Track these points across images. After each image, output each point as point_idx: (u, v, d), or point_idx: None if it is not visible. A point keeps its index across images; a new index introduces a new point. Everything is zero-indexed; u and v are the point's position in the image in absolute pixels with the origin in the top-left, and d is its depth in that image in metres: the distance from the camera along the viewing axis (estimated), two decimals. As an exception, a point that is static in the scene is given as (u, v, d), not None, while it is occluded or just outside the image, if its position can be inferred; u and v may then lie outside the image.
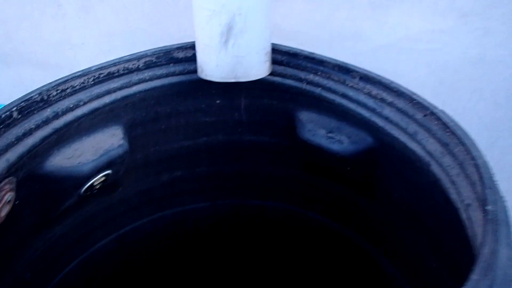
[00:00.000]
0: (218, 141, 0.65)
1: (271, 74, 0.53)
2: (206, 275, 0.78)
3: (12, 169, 0.36)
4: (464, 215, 0.34)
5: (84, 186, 0.47)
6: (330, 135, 0.51)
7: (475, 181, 0.31)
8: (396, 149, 0.43)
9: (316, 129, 0.52)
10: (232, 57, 0.43)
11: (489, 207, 0.27)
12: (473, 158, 0.31)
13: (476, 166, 0.31)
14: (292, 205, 0.71)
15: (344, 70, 0.46)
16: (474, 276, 0.24)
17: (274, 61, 0.52)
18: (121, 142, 0.49)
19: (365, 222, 0.63)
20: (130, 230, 0.67)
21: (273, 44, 0.49)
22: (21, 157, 0.36)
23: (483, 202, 0.29)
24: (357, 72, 0.45)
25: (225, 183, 0.71)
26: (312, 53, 0.48)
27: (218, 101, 0.58)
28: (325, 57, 0.48)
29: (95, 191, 0.52)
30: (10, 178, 0.36)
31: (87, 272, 0.62)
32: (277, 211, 0.72)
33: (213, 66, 0.45)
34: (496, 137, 0.72)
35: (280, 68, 0.52)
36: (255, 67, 0.45)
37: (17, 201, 0.42)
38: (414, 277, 0.57)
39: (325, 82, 0.49)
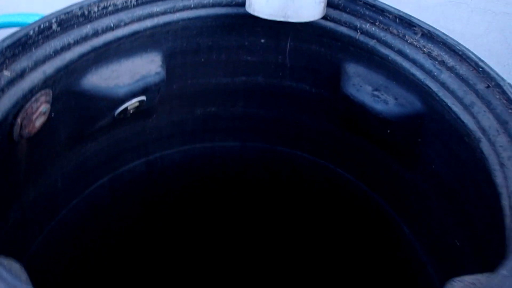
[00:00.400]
0: (257, 82, 0.62)
1: (324, 18, 0.49)
2: (227, 212, 0.80)
3: (49, 82, 0.36)
4: (506, 202, 0.31)
5: (118, 109, 0.47)
6: (376, 93, 0.48)
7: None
8: (446, 119, 0.39)
9: (362, 85, 0.49)
10: (284, -7, 0.39)
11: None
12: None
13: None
14: (322, 159, 0.70)
15: (406, 23, 0.41)
16: (503, 271, 0.22)
17: (329, 4, 0.47)
18: (159, 69, 0.48)
19: (394, 188, 0.61)
20: (160, 157, 0.68)
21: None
22: (58, 71, 0.36)
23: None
24: (420, 27, 0.40)
25: (258, 125, 0.69)
26: (374, 0, 0.43)
27: (262, 40, 0.55)
28: (387, 5, 0.43)
29: (129, 115, 0.53)
30: (46, 90, 0.36)
31: (116, 190, 0.65)
32: (305, 161, 0.71)
33: (263, 1, 0.41)
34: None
35: (334, 13, 0.48)
36: (308, 7, 0.41)
37: (53, 114, 0.43)
38: (434, 251, 0.55)
39: (382, 34, 0.44)
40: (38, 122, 0.37)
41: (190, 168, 0.73)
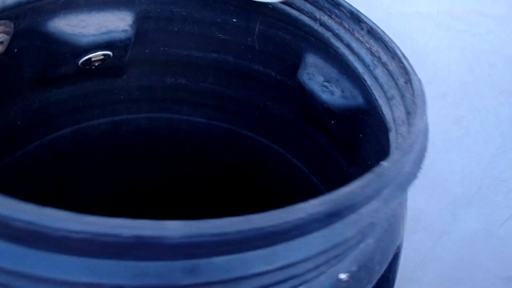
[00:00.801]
0: (227, 61, 0.65)
1: (290, 5, 0.51)
2: (183, 184, 0.82)
3: (9, 13, 0.38)
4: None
5: (81, 57, 0.50)
6: (325, 84, 0.50)
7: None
8: (377, 112, 0.42)
9: (315, 74, 0.51)
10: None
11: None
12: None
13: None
14: (281, 147, 0.72)
15: (356, 18, 0.44)
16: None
17: (295, -8, 0.50)
18: (127, 28, 0.51)
19: (341, 182, 0.63)
20: (126, 119, 0.71)
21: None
22: (19, 4, 0.38)
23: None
24: (366, 23, 0.43)
25: (225, 105, 0.72)
26: (332, -7, 0.46)
27: (234, 20, 0.58)
28: (344, 1, 0.45)
29: (94, 68, 0.55)
30: (5, 21, 0.39)
31: (78, 143, 0.67)
32: (265, 148, 0.74)
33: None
34: (510, 146, 0.68)
35: (300, 2, 0.50)
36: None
37: (16, 49, 0.46)
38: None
39: (336, 27, 0.47)
40: (-5, 50, 0.40)
41: (156, 136, 0.75)
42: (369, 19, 0.42)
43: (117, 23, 0.51)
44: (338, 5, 0.46)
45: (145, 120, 0.73)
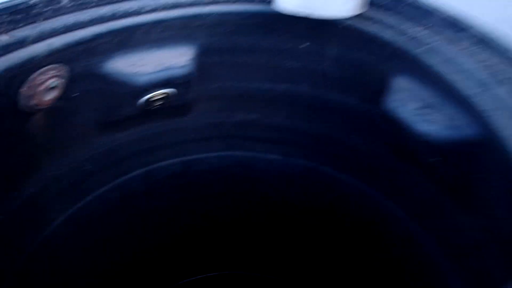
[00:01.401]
0: (301, 91, 0.58)
1: (369, 20, 0.42)
2: (259, 226, 0.75)
3: (59, 56, 0.36)
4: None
5: (141, 98, 0.47)
6: (421, 111, 0.40)
7: None
8: (499, 144, 0.31)
9: (406, 101, 0.41)
10: (309, -19, 0.35)
11: None
12: None
13: None
14: (371, 187, 0.61)
15: (459, 25, 0.33)
16: None
17: (373, 3, 0.41)
18: (187, 63, 0.47)
19: (448, 232, 0.50)
20: (196, 159, 0.67)
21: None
22: (68, 47, 0.36)
23: None
24: (474, 30, 0.32)
25: (301, 140, 0.64)
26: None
27: (305, 45, 0.50)
28: (435, 6, 0.35)
29: (158, 107, 0.52)
30: (56, 64, 0.37)
31: (148, 185, 0.65)
32: (351, 187, 0.63)
33: (286, -8, 0.37)
34: None
35: (379, 14, 0.42)
36: (340, 0, 0.36)
37: (77, 93, 0.44)
38: None
39: (430, 39, 0.37)
40: (48, 96, 0.38)
41: (228, 175, 0.70)
42: (476, 25, 0.32)
43: (177, 59, 0.47)
44: (432, 12, 0.36)
45: (216, 159, 0.69)
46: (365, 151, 0.59)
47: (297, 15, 0.38)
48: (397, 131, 0.44)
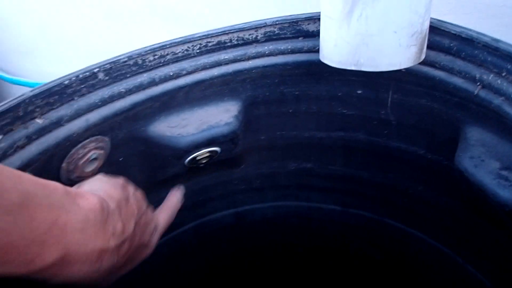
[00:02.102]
0: (357, 139, 0.52)
1: (433, 66, 0.37)
2: (318, 282, 0.68)
3: (98, 129, 0.36)
4: None
5: (185, 158, 0.45)
6: (503, 173, 0.33)
7: None
8: None
9: (484, 158, 0.34)
10: (355, 34, 0.30)
11: None
12: None
13: None
14: (444, 245, 0.53)
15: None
16: None
17: (439, 48, 0.36)
18: (231, 120, 0.44)
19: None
20: (250, 210, 0.63)
21: (435, 21, 0.33)
22: (105, 120, 0.35)
23: None
24: None
25: (362, 190, 0.58)
26: (498, 40, 0.30)
27: (359, 92, 0.46)
28: (518, 49, 0.29)
29: (203, 165, 0.50)
30: (97, 137, 0.36)
31: (201, 238, 0.63)
32: (421, 243, 0.55)
33: (331, 46, 0.33)
34: None
35: (446, 59, 0.36)
36: (389, 52, 0.31)
37: (121, 158, 0.44)
38: None
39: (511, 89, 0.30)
40: (89, 168, 0.38)
41: (283, 226, 0.66)
42: None
43: (220, 116, 0.45)
44: (510, 56, 0.29)
45: (270, 209, 0.65)
46: (436, 205, 0.51)
47: (344, 69, 0.34)
48: (473, 191, 0.37)
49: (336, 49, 0.32)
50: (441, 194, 0.49)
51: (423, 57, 0.34)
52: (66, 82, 0.31)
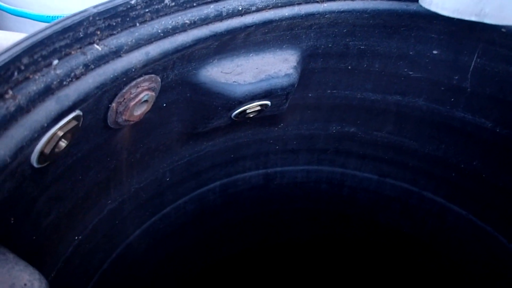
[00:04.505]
0: (416, 105, 0.48)
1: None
2: (343, 252, 0.67)
3: (155, 66, 0.30)
4: None
5: (235, 110, 0.40)
6: None
7: None
8: None
9: None
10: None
11: None
12: None
13: None
14: (492, 227, 0.51)
15: None
16: None
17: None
18: (290, 71, 0.39)
19: None
20: (280, 172, 0.60)
21: None
22: (166, 55, 0.30)
23: None
24: None
25: (406, 160, 0.54)
26: None
27: (435, 52, 0.41)
28: None
29: (249, 119, 0.46)
30: (151, 75, 0.31)
31: (227, 197, 0.59)
32: (463, 221, 0.53)
33: (449, -10, 0.28)
34: None
35: None
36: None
37: (164, 104, 0.38)
38: None
39: None
40: (139, 111, 0.33)
41: (313, 191, 0.63)
42: None
43: (279, 65, 0.40)
44: None
45: (301, 173, 0.61)
46: (489, 182, 0.48)
47: (461, 19, 0.29)
48: None
49: (456, -6, 0.27)
50: (499, 171, 0.46)
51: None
52: (133, 1, 0.26)
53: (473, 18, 0.28)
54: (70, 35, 0.23)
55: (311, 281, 0.74)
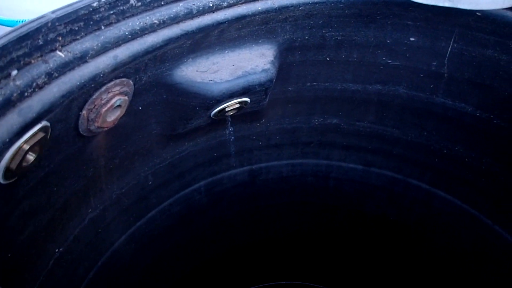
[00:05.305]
0: (396, 94, 0.48)
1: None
2: (331, 243, 0.67)
3: (124, 69, 0.29)
4: None
5: (213, 109, 0.39)
6: None
7: None
8: None
9: None
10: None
11: None
12: None
13: None
14: (477, 210, 0.51)
15: None
16: None
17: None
18: (268, 66, 0.38)
19: None
20: (265, 167, 0.59)
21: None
22: (135, 57, 0.29)
23: None
24: None
25: (390, 148, 0.54)
26: None
27: (412, 39, 0.40)
28: None
29: (229, 117, 0.45)
30: (122, 79, 0.30)
31: (213, 196, 0.58)
32: (449, 207, 0.53)
33: (421, -24, 0.27)
34: None
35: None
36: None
37: (140, 107, 0.37)
38: None
39: None
40: (112, 117, 0.31)
41: (299, 185, 0.62)
42: None
43: (256, 61, 0.39)
44: None
45: (286, 167, 0.61)
46: (472, 165, 0.48)
47: (435, 5, 0.29)
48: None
49: (429, -20, 0.27)
50: (481, 154, 0.46)
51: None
52: (95, 4, 0.24)
53: (446, 4, 0.27)
54: (28, 43, 0.21)
55: (302, 273, 0.74)
